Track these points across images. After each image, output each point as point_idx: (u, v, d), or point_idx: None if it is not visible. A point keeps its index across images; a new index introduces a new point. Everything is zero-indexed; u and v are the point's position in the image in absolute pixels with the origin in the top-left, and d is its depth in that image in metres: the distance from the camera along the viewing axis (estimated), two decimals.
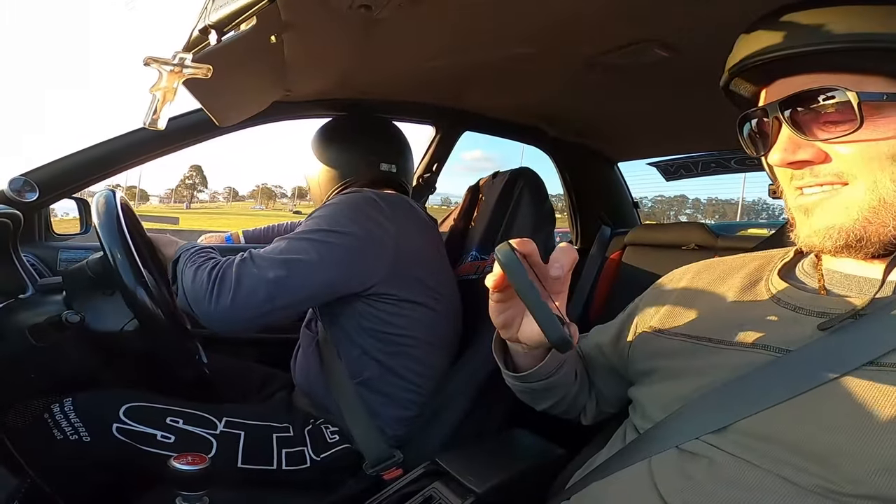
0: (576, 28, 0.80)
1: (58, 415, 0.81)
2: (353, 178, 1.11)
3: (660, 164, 1.67)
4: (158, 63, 0.57)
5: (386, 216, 0.97)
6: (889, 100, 0.44)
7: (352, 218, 0.93)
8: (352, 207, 0.95)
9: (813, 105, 0.47)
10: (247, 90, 0.97)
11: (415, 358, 1.00)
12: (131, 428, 0.82)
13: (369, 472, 0.94)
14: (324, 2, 0.71)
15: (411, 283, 0.99)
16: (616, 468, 0.56)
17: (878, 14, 0.44)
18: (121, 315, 0.81)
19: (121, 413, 0.83)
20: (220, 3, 0.58)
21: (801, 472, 0.43)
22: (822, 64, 0.46)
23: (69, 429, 0.80)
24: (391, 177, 1.14)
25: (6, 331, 0.76)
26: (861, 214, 0.46)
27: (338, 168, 1.12)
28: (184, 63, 0.58)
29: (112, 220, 0.79)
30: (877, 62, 0.44)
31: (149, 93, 0.58)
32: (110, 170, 1.17)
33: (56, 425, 0.80)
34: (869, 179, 0.46)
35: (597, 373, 0.74)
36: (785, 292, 0.54)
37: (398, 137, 1.19)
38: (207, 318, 0.83)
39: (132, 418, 0.83)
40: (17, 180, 1.07)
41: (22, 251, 0.97)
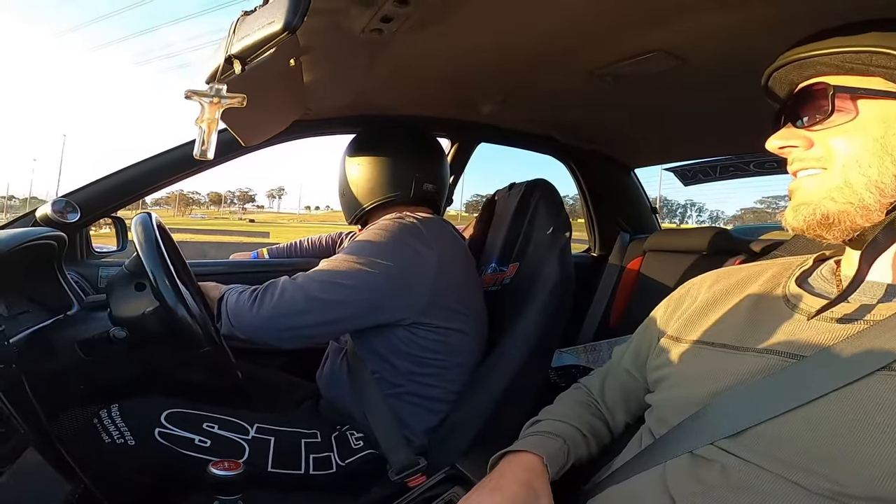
0: (583, 41, 0.82)
1: (105, 420, 0.86)
2: (396, 194, 1.13)
3: (676, 169, 1.67)
4: (198, 96, 0.61)
5: (427, 245, 1.00)
6: (864, 94, 0.51)
7: (396, 250, 0.97)
8: (397, 238, 0.99)
9: (808, 97, 0.54)
10: (269, 111, 1.02)
11: (446, 378, 1.04)
12: (172, 432, 0.87)
13: (394, 478, 0.96)
14: (338, 27, 0.75)
15: (449, 311, 1.02)
16: (631, 473, 0.57)
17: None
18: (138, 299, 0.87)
19: (162, 418, 0.88)
20: (242, 34, 0.62)
21: (812, 476, 0.44)
22: (831, 66, 0.53)
23: (116, 433, 0.85)
24: (431, 196, 1.16)
25: (57, 346, 0.83)
26: (828, 194, 0.51)
27: (382, 181, 1.13)
28: (221, 94, 0.62)
29: (151, 243, 0.84)
30: (878, 63, 0.50)
31: (195, 125, 0.62)
32: (144, 190, 1.24)
33: (104, 429, 0.85)
34: (839, 164, 0.50)
35: (630, 396, 0.73)
36: (801, 298, 0.55)
37: (442, 158, 1.21)
38: (248, 326, 0.91)
39: (173, 423, 0.88)
40: (59, 202, 1.13)
41: (66, 270, 1.04)
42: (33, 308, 0.92)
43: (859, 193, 0.49)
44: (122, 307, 0.86)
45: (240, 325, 0.92)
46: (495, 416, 1.03)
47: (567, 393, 0.80)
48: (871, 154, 0.49)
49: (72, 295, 0.98)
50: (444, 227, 1.10)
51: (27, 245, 0.83)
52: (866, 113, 0.50)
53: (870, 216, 0.50)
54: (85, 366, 0.83)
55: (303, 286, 0.92)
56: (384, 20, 0.71)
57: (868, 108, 0.50)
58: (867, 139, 0.50)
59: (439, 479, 0.86)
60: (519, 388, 1.06)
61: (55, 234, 0.93)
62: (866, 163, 0.49)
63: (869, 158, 0.49)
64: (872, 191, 0.49)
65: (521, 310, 1.08)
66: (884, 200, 0.49)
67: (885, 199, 0.49)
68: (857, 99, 0.51)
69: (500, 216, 1.34)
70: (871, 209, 0.49)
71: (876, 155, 0.49)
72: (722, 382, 0.53)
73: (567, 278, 1.09)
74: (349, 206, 1.17)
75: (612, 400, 0.76)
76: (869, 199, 0.49)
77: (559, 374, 1.49)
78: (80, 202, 1.16)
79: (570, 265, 1.11)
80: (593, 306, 1.71)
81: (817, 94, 0.52)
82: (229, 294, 0.96)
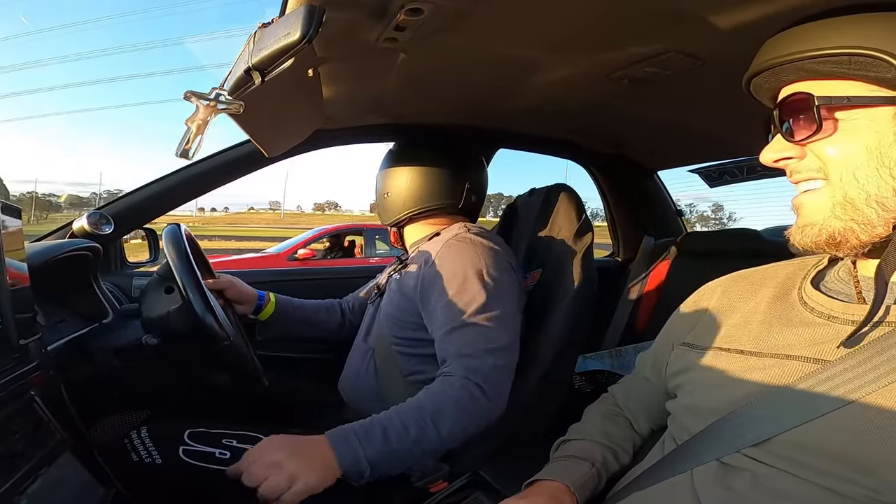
0: (597, 44, 0.82)
1: (136, 440, 0.90)
2: (447, 203, 1.14)
3: (702, 170, 1.63)
4: (197, 98, 0.63)
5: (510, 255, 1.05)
6: (854, 103, 0.47)
7: (503, 262, 1.01)
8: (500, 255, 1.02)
9: (793, 109, 0.51)
10: (290, 121, 1.05)
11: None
12: (194, 449, 0.91)
13: (417, 484, 0.96)
14: (353, 37, 0.76)
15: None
16: (656, 480, 0.56)
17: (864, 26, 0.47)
18: (167, 301, 0.91)
19: (185, 437, 0.92)
20: (261, 45, 0.64)
21: (847, 483, 0.43)
22: (810, 71, 0.50)
23: (144, 453, 0.89)
24: (475, 206, 1.19)
25: (93, 353, 0.87)
26: (831, 212, 0.49)
27: (434, 189, 1.14)
28: (219, 99, 0.64)
29: (182, 253, 0.88)
30: (857, 69, 0.47)
31: (184, 124, 0.64)
32: (175, 201, 1.28)
33: (134, 449, 0.89)
34: (835, 177, 0.48)
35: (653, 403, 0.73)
36: (818, 301, 0.54)
37: (485, 169, 1.24)
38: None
39: (194, 441, 0.92)
40: (94, 214, 1.18)
41: (101, 280, 1.09)
42: (71, 317, 0.97)
43: (861, 210, 0.47)
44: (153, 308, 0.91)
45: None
46: (519, 422, 1.03)
47: (594, 406, 0.80)
48: (867, 167, 0.47)
49: (107, 304, 1.02)
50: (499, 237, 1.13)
51: (64, 256, 0.88)
52: (855, 122, 0.48)
53: (875, 231, 0.47)
54: (119, 372, 0.88)
55: (495, 346, 0.92)
56: (398, 29, 0.73)
57: (856, 116, 0.48)
58: (860, 150, 0.47)
59: (461, 485, 0.85)
60: (543, 394, 1.05)
61: (90, 246, 0.97)
62: (863, 176, 0.47)
63: (866, 171, 0.47)
64: (873, 206, 0.47)
65: (545, 316, 1.08)
66: (887, 216, 0.47)
67: (888, 213, 0.47)
68: (844, 109, 0.48)
69: (521, 222, 1.34)
70: (875, 225, 0.47)
71: (872, 168, 0.47)
72: (743, 389, 0.52)
73: (590, 283, 1.08)
74: (392, 209, 1.18)
75: (636, 408, 0.75)
76: (872, 215, 0.47)
77: (584, 380, 1.47)
78: (114, 214, 1.21)
79: (593, 270, 1.10)
80: (619, 311, 1.68)
81: (801, 106, 0.49)
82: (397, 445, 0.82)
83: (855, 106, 0.47)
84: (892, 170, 0.46)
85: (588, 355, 1.53)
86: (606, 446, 0.71)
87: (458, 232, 1.07)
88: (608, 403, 0.79)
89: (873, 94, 0.47)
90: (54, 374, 0.72)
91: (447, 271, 0.98)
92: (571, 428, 0.77)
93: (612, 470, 0.70)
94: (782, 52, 0.51)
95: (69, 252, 0.90)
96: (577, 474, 0.66)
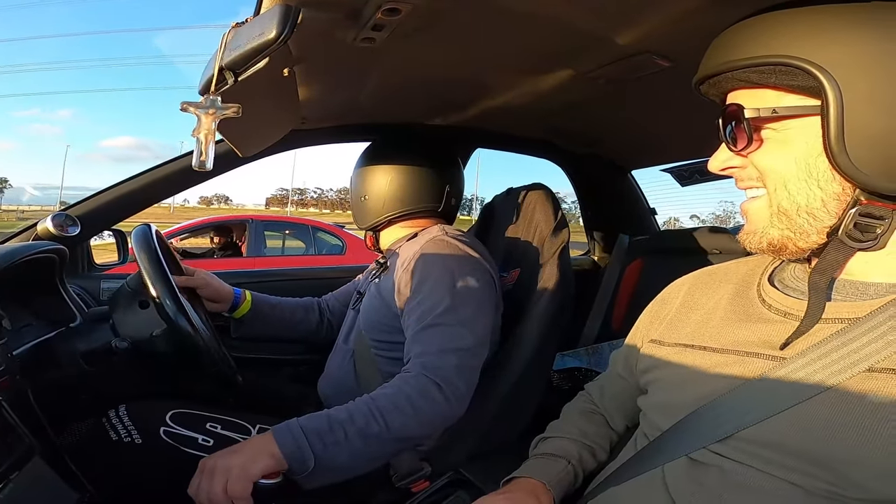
0: (572, 44, 0.82)
1: (114, 419, 0.88)
2: (427, 206, 1.13)
3: (673, 169, 1.67)
4: (194, 108, 0.62)
5: (487, 259, 1.05)
6: (781, 114, 0.47)
7: (480, 265, 1.01)
8: (475, 260, 1.02)
9: (730, 119, 0.50)
10: (265, 121, 1.03)
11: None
12: (176, 431, 0.89)
13: (398, 484, 0.96)
14: (330, 37, 0.76)
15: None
16: (630, 475, 0.58)
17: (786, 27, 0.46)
18: (152, 324, 0.88)
19: (167, 418, 0.90)
20: (234, 45, 0.63)
21: (809, 478, 0.45)
22: (743, 80, 0.49)
23: (123, 432, 0.87)
24: (452, 210, 1.18)
25: (61, 357, 0.84)
26: (769, 221, 0.50)
27: (413, 192, 1.12)
28: (216, 105, 0.63)
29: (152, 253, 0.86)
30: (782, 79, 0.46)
31: (192, 137, 0.63)
32: (143, 203, 1.25)
33: (112, 428, 0.87)
34: (771, 188, 0.50)
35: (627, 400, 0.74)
36: (775, 297, 0.55)
37: (461, 171, 1.22)
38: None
39: (177, 423, 0.90)
40: (59, 216, 1.15)
41: (68, 283, 1.05)
42: (36, 321, 0.94)
43: (793, 220, 0.48)
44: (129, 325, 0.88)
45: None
46: (499, 420, 1.04)
47: (572, 404, 0.82)
48: (796, 178, 0.47)
49: (74, 308, 0.99)
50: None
51: (27, 259, 0.85)
52: (786, 132, 0.48)
53: (810, 239, 0.49)
54: (88, 376, 0.85)
55: (456, 347, 0.90)
56: (375, 28, 0.72)
57: (787, 127, 0.48)
58: (790, 162, 0.48)
59: (443, 484, 0.86)
60: (522, 392, 1.06)
61: (55, 248, 0.94)
62: (794, 188, 0.48)
63: (795, 183, 0.48)
64: (804, 216, 0.48)
65: (523, 314, 1.09)
66: (819, 225, 0.48)
67: (819, 223, 0.48)
68: (773, 120, 0.48)
69: (498, 222, 1.34)
70: (809, 233, 0.48)
71: (801, 179, 0.47)
72: (707, 386, 0.54)
73: (567, 282, 1.10)
74: (370, 212, 1.15)
75: (611, 405, 0.77)
76: (804, 225, 0.48)
77: (562, 377, 1.49)
78: (81, 216, 1.17)
79: (570, 268, 1.12)
80: (595, 309, 1.71)
81: (735, 117, 0.49)
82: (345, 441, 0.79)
83: (783, 117, 0.47)
84: (820, 181, 0.46)
85: (565, 353, 1.56)
86: (583, 444, 0.72)
87: (435, 234, 1.06)
88: (585, 401, 0.81)
89: (801, 103, 0.46)
90: (21, 380, 0.70)
91: (421, 274, 0.98)
92: (550, 426, 0.78)
93: (589, 467, 0.71)
94: (720, 59, 0.50)
95: (33, 255, 0.87)
96: (553, 472, 0.68)
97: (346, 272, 1.62)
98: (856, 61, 0.43)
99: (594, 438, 0.74)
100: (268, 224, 5.65)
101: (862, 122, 0.43)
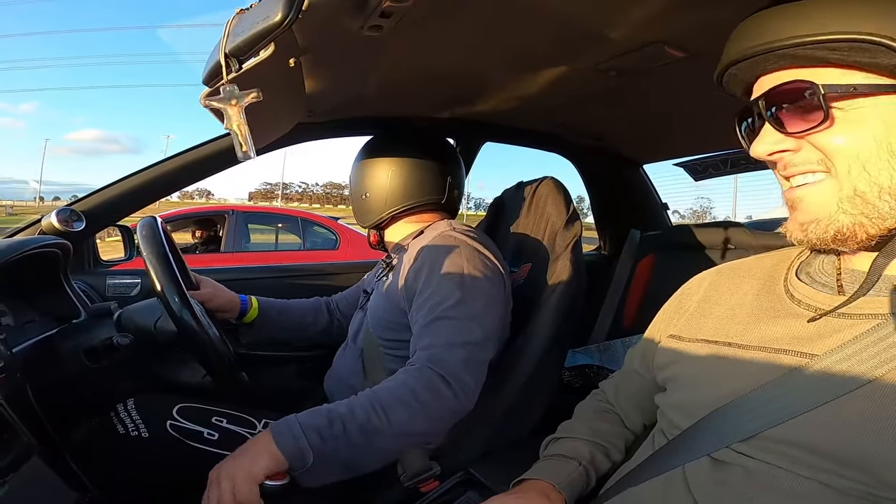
0: (583, 36, 0.80)
1: (122, 412, 0.88)
2: (431, 199, 1.12)
3: (687, 164, 1.64)
4: (217, 101, 0.61)
5: (496, 255, 1.02)
6: (860, 91, 0.45)
7: (491, 261, 0.99)
8: (483, 254, 0.99)
9: (787, 98, 0.47)
10: (270, 114, 1.01)
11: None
12: (182, 425, 0.90)
13: (407, 484, 0.94)
14: (337, 24, 0.74)
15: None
16: (648, 475, 0.56)
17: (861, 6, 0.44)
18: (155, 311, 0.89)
19: (174, 412, 0.90)
20: (238, 31, 0.61)
21: (838, 478, 0.43)
22: (800, 58, 0.47)
23: (131, 425, 0.87)
24: (455, 203, 1.16)
25: (63, 354, 0.83)
26: (838, 206, 0.46)
27: (417, 184, 1.10)
28: (235, 94, 0.61)
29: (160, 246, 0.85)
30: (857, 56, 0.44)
31: (227, 130, 0.63)
32: (149, 198, 1.24)
33: (120, 421, 0.88)
34: (843, 170, 0.46)
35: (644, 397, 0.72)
36: (803, 293, 0.53)
37: (462, 164, 1.20)
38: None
39: (184, 416, 0.90)
40: (64, 211, 1.14)
41: (73, 279, 1.04)
42: (40, 318, 0.93)
43: (872, 203, 0.45)
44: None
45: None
46: (509, 418, 1.02)
47: (584, 403, 0.80)
48: (877, 158, 0.45)
49: (78, 303, 0.98)
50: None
51: (29, 253, 0.84)
52: (859, 111, 0.45)
53: (884, 224, 0.46)
54: (90, 373, 0.84)
55: (464, 340, 0.88)
56: (383, 16, 0.70)
57: (861, 105, 0.45)
58: (869, 141, 0.45)
59: (453, 484, 0.84)
60: (532, 390, 1.04)
61: (59, 243, 0.94)
62: (875, 169, 0.45)
63: (876, 163, 0.45)
64: (886, 199, 0.45)
65: (534, 310, 1.07)
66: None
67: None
68: (847, 98, 0.45)
69: (509, 216, 1.32)
70: (886, 218, 0.45)
71: (883, 159, 0.44)
72: (732, 383, 0.52)
73: (579, 276, 1.07)
74: (372, 210, 1.13)
75: (627, 403, 0.75)
76: (884, 209, 0.45)
77: (573, 374, 1.47)
78: (86, 211, 1.16)
79: (581, 264, 1.10)
80: (606, 305, 1.69)
81: (797, 95, 0.46)
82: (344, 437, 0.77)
83: (860, 94, 0.45)
84: None
85: (576, 350, 1.53)
86: (596, 444, 0.71)
87: (443, 230, 1.05)
88: (598, 400, 0.79)
89: (874, 81, 0.45)
90: (21, 377, 0.69)
91: (430, 270, 0.96)
92: (561, 426, 0.76)
93: (603, 468, 0.70)
94: (766, 39, 0.47)
95: (36, 249, 0.86)
96: (563, 473, 0.67)
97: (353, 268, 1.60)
98: None
99: (607, 438, 0.72)
100: (251, 216, 5.20)
101: None
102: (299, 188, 73.02)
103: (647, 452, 0.60)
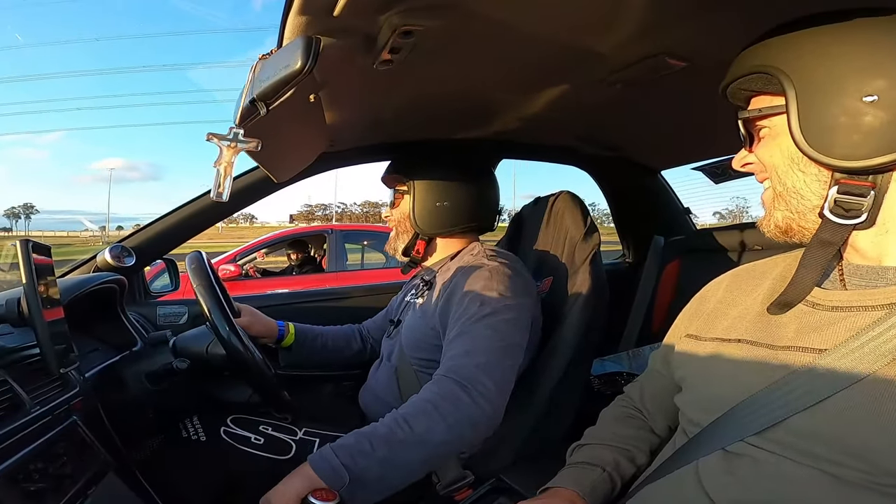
0: (584, 53, 0.83)
1: (188, 424, 1.02)
2: (477, 222, 1.17)
3: (705, 167, 1.63)
4: (218, 139, 0.67)
5: (528, 280, 1.08)
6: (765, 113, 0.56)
7: (511, 284, 1.02)
8: (512, 277, 1.04)
9: (741, 122, 0.60)
10: (295, 147, 1.08)
11: None
12: (234, 432, 1.01)
13: (442, 492, 0.97)
14: (351, 62, 0.79)
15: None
16: (666, 472, 0.59)
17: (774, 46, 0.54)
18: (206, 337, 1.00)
19: (228, 420, 1.02)
20: (263, 77, 0.67)
21: (841, 467, 0.45)
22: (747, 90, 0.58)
23: (193, 431, 1.01)
24: (492, 222, 1.22)
25: (128, 378, 0.93)
26: (773, 205, 0.57)
27: (468, 208, 1.15)
28: (238, 138, 0.68)
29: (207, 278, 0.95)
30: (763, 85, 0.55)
31: (212, 168, 0.67)
32: (191, 231, 1.32)
33: (185, 429, 1.01)
34: (773, 176, 0.57)
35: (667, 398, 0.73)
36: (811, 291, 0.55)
37: (497, 182, 1.26)
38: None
39: (236, 425, 1.02)
40: (116, 247, 1.22)
41: (127, 310, 1.13)
42: (101, 346, 1.01)
43: (788, 201, 0.55)
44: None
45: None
46: (538, 428, 1.05)
47: (608, 409, 0.82)
48: (783, 165, 0.55)
49: (134, 333, 1.06)
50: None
51: (92, 289, 0.92)
52: (771, 129, 0.56)
53: (807, 217, 0.54)
54: (152, 395, 0.94)
55: (482, 347, 0.92)
56: (392, 51, 0.75)
57: (772, 124, 0.56)
58: (777, 152, 0.56)
59: (485, 491, 0.86)
60: (560, 399, 1.07)
61: (115, 278, 1.02)
62: (783, 174, 0.55)
63: (784, 170, 0.55)
64: (794, 196, 0.54)
65: (557, 322, 1.10)
66: (808, 204, 0.53)
67: (807, 202, 0.53)
68: (760, 119, 0.57)
69: (528, 231, 1.35)
70: (803, 212, 0.54)
71: (787, 166, 0.54)
72: (743, 380, 0.55)
73: (600, 287, 1.09)
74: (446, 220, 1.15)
75: (652, 405, 0.77)
76: (797, 205, 0.54)
77: (603, 382, 1.47)
78: (135, 247, 1.25)
79: (603, 273, 1.12)
80: (633, 312, 1.68)
81: (742, 121, 0.59)
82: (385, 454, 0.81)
83: (765, 116, 0.56)
84: (800, 165, 0.53)
85: (605, 358, 1.53)
86: (619, 448, 0.72)
87: (475, 253, 1.11)
88: (622, 405, 0.81)
89: (776, 103, 0.54)
90: (93, 399, 0.76)
91: (461, 293, 1.01)
92: (586, 432, 0.79)
93: (628, 472, 0.71)
94: (732, 72, 0.58)
95: (97, 285, 0.95)
96: (587, 481, 0.69)
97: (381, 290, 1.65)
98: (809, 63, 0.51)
99: (631, 442, 0.74)
100: (347, 234, 4.88)
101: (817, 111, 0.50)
102: (338, 208, 75.31)
103: (669, 452, 0.62)
